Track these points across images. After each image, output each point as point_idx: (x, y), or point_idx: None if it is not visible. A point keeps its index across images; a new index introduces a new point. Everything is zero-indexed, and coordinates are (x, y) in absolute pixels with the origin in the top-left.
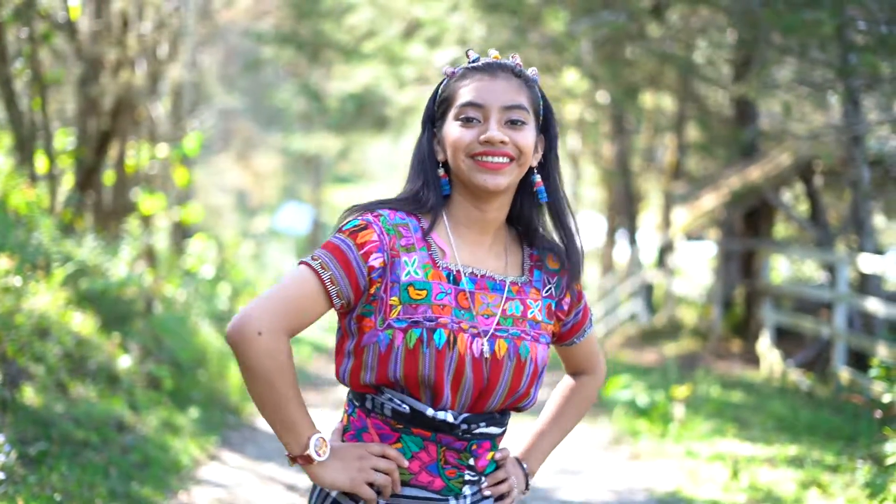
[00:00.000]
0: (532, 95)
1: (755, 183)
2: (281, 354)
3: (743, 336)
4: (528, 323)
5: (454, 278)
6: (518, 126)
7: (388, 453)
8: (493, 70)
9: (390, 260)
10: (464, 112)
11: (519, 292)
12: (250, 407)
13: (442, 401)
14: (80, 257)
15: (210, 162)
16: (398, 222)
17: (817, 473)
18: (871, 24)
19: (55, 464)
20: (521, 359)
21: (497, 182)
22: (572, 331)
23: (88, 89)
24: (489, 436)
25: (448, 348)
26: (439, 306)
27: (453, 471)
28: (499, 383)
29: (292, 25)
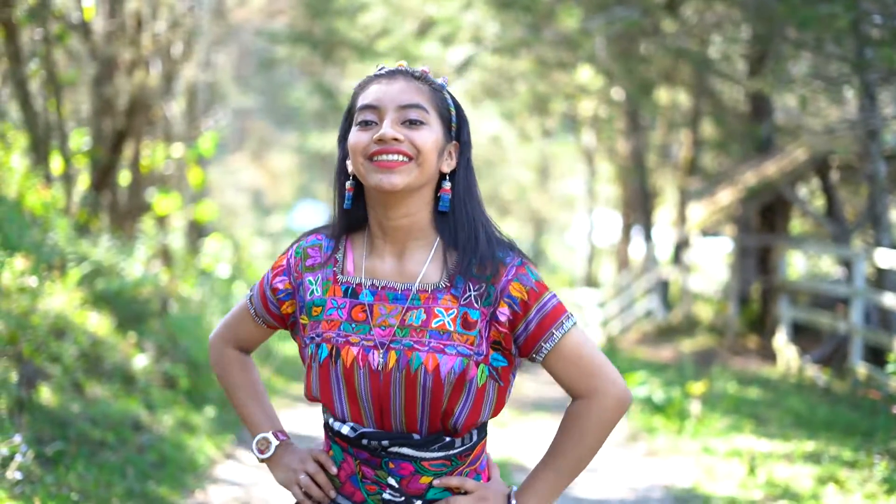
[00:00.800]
0: (437, 98)
1: (771, 178)
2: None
3: (759, 332)
4: (428, 332)
5: (353, 292)
6: (416, 126)
7: (319, 457)
8: (393, 75)
9: (295, 282)
10: (361, 115)
11: (427, 300)
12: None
13: (337, 413)
14: (95, 257)
15: (225, 161)
16: (310, 244)
17: (835, 469)
18: (887, 17)
19: (72, 464)
20: (411, 371)
21: (392, 181)
22: (529, 342)
23: (103, 89)
24: (408, 457)
25: (331, 362)
26: (327, 321)
27: (373, 486)
28: (392, 397)
29: (306, 24)
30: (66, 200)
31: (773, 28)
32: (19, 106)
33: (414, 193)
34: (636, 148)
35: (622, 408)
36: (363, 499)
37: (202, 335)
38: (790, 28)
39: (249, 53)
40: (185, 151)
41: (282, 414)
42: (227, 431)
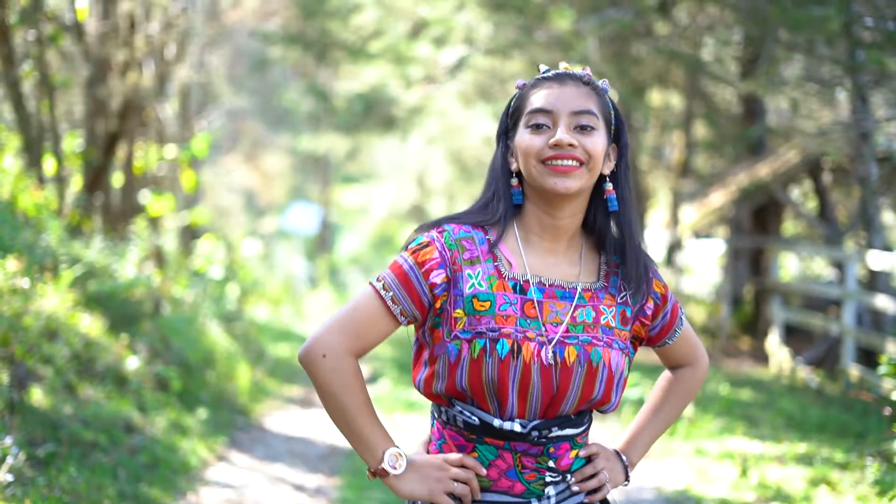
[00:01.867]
0: (602, 103)
1: (763, 180)
2: (346, 374)
3: (752, 334)
4: (600, 329)
5: (521, 288)
6: (587, 131)
7: (466, 462)
8: (562, 78)
9: (453, 274)
10: (533, 118)
11: (592, 298)
12: (259, 408)
13: (507, 410)
14: (88, 259)
15: (218, 162)
16: (462, 236)
17: (827, 471)
18: (879, 20)
19: (64, 465)
20: (593, 364)
21: (567, 185)
22: (661, 333)
23: (96, 91)
24: (566, 437)
25: (512, 358)
26: (502, 317)
27: (533, 474)
28: (569, 390)
29: (299, 26)
30: (58, 202)
31: (765, 30)
32: (12, 107)
33: (580, 195)
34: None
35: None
36: (524, 488)
37: (195, 337)
38: (782, 30)
39: (242, 55)
40: (179, 153)
41: (276, 416)
42: (220, 433)
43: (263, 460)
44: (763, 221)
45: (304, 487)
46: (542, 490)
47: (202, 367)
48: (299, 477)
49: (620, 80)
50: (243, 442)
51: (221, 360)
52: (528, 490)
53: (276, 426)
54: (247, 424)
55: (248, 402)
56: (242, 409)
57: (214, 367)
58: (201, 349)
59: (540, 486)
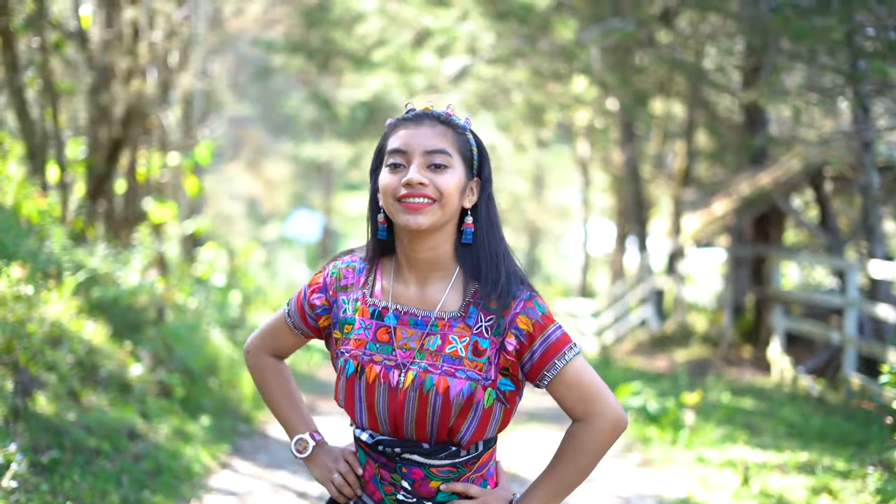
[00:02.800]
0: (460, 141)
1: (765, 189)
2: (264, 368)
3: (753, 342)
4: (441, 357)
5: (379, 314)
6: (440, 169)
7: (348, 458)
8: (419, 119)
9: (331, 299)
10: (391, 158)
11: (444, 327)
12: (262, 415)
13: (357, 421)
14: (91, 266)
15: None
16: (346, 265)
17: (828, 480)
18: (880, 29)
19: (67, 472)
20: (424, 391)
21: (418, 221)
22: (534, 371)
23: (99, 98)
24: (418, 463)
25: (356, 377)
26: (356, 340)
27: (389, 487)
28: (405, 411)
29: (302, 34)
30: (62, 209)
31: (767, 40)
32: (16, 114)
33: (437, 230)
34: (631, 158)
35: (616, 431)
36: (381, 498)
37: (198, 344)
38: (784, 40)
39: (246, 63)
40: (182, 160)
41: (278, 424)
42: (223, 440)
43: (266, 467)
44: (764, 230)
45: (307, 495)
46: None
47: (205, 374)
48: (302, 484)
49: (623, 89)
50: (246, 449)
51: (224, 367)
52: (383, 501)
53: (279, 433)
54: (250, 432)
55: (251, 410)
56: (245, 416)
57: (217, 375)
58: (204, 356)
59: (393, 501)
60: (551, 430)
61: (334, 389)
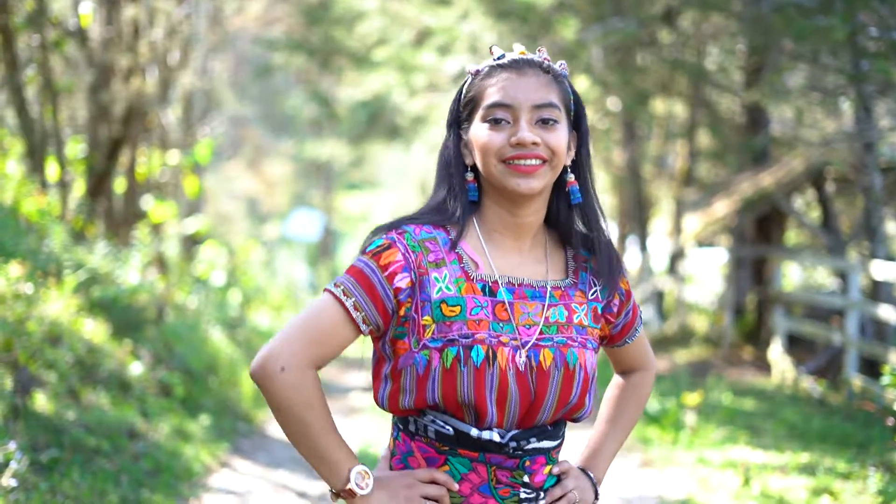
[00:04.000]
0: (562, 91)
1: (767, 189)
2: (307, 388)
3: (754, 343)
4: (574, 328)
5: (490, 290)
6: (550, 125)
7: (437, 478)
8: (521, 67)
9: (418, 278)
10: (492, 113)
11: (563, 297)
12: (262, 414)
13: (486, 420)
14: (91, 264)
15: (221, 169)
16: (424, 237)
17: (829, 481)
18: (883, 30)
19: (67, 471)
20: (570, 367)
21: (531, 186)
22: (623, 331)
23: (99, 96)
24: (542, 450)
25: (487, 365)
26: (475, 321)
27: (507, 490)
28: (547, 395)
29: (303, 32)
30: (61, 207)
31: (769, 40)
32: (15, 112)
33: (543, 192)
34: (632, 158)
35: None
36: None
37: (198, 343)
38: (787, 40)
39: (246, 61)
40: (181, 159)
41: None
42: (223, 440)
43: (266, 467)
44: (766, 231)
45: (306, 494)
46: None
47: (205, 373)
48: (302, 483)
49: (624, 89)
50: (246, 448)
51: (224, 366)
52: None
53: (279, 433)
54: (250, 431)
55: (250, 409)
56: (245, 415)
57: (217, 374)
58: (204, 355)
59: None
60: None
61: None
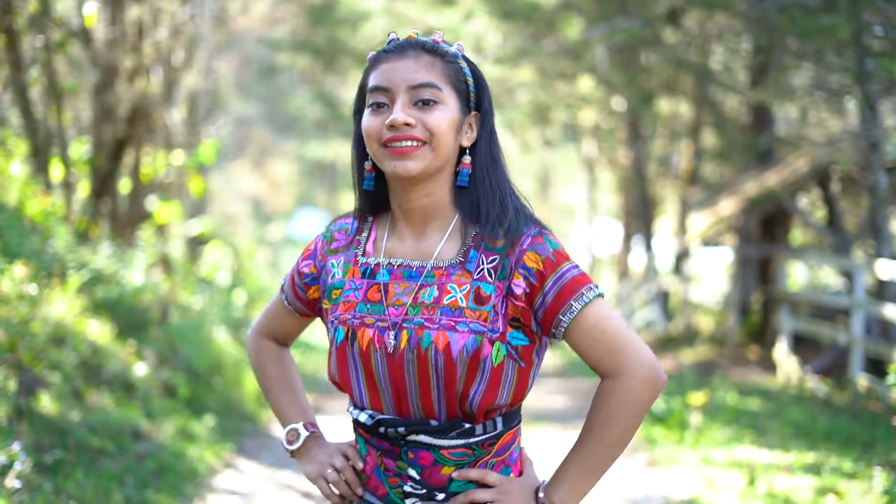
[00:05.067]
0: (451, 71)
1: (772, 189)
2: (261, 352)
3: (760, 343)
4: (439, 309)
5: (371, 272)
6: (429, 106)
7: (346, 452)
8: (403, 49)
9: (320, 265)
10: (372, 97)
11: (441, 276)
12: (266, 414)
13: (357, 399)
14: (95, 265)
15: (225, 169)
16: (337, 227)
17: (834, 481)
18: (888, 29)
19: (71, 472)
20: (422, 350)
21: (407, 167)
22: (547, 316)
23: (104, 97)
24: (427, 446)
25: (347, 345)
26: (345, 303)
27: (395, 479)
28: (406, 379)
29: (307, 33)
30: (66, 208)
31: (774, 39)
32: (20, 113)
33: (432, 175)
34: (637, 158)
35: (652, 389)
36: (386, 493)
37: (202, 343)
38: (791, 39)
39: (250, 61)
40: (186, 159)
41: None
42: (227, 440)
43: (271, 467)
44: (771, 230)
45: (311, 495)
46: (402, 500)
47: (209, 373)
48: (307, 484)
49: (629, 88)
50: (251, 449)
51: (229, 366)
52: (388, 496)
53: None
54: (254, 431)
55: (255, 409)
56: (250, 415)
57: (222, 374)
58: (209, 356)
59: (399, 495)
60: (561, 432)
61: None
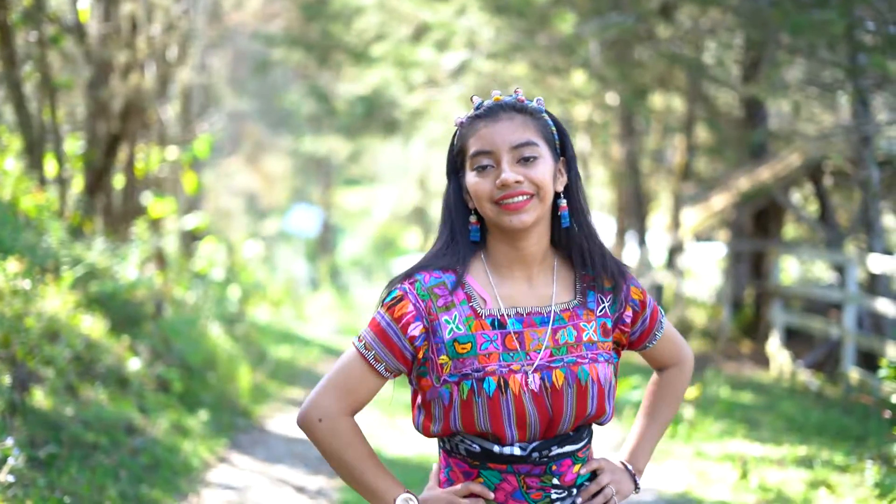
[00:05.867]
0: (540, 125)
1: (765, 183)
2: (344, 434)
3: (752, 337)
4: (583, 346)
5: (500, 323)
6: (531, 162)
7: (473, 489)
8: (495, 113)
9: (430, 324)
10: (477, 161)
11: (571, 318)
12: (260, 409)
13: (507, 440)
14: (89, 260)
15: (220, 165)
16: (433, 284)
17: (826, 474)
18: (880, 24)
19: (65, 467)
20: (581, 384)
21: (522, 220)
22: (642, 338)
23: (98, 92)
24: (567, 454)
25: (500, 393)
26: (485, 355)
27: (539, 493)
28: (564, 412)
29: (301, 28)
30: (60, 203)
31: (766, 34)
32: (13, 109)
33: (539, 222)
34: (630, 153)
35: (693, 366)
36: None
37: (196, 338)
38: (784, 34)
39: (244, 57)
40: (180, 155)
41: (277, 418)
42: (221, 435)
43: (265, 462)
44: (764, 225)
45: (305, 489)
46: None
47: (203, 368)
48: (301, 478)
49: (622, 83)
50: (244, 444)
51: (223, 361)
52: None
53: (278, 428)
54: (248, 426)
55: (249, 404)
56: (244, 410)
57: (216, 369)
58: (203, 351)
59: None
60: None
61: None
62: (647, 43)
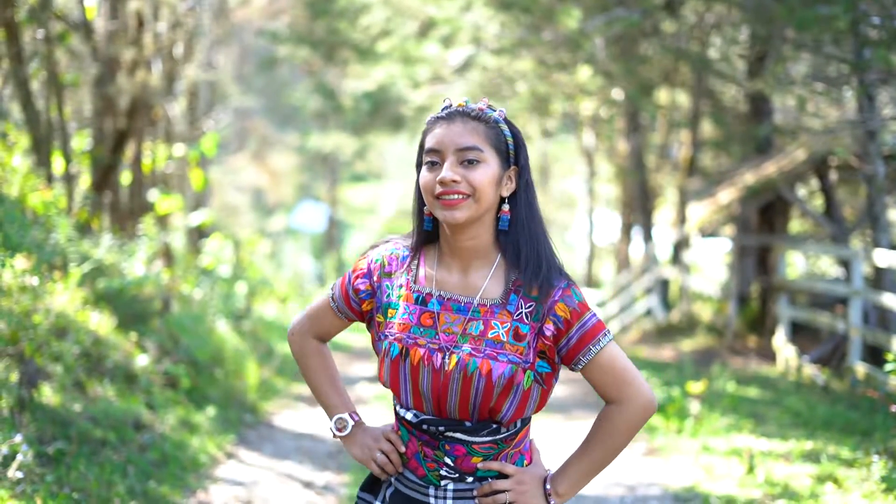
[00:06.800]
0: (492, 134)
1: (770, 178)
2: (306, 349)
3: (758, 332)
4: (484, 342)
5: (423, 300)
6: (472, 165)
7: (390, 437)
8: (451, 117)
9: (375, 285)
10: (428, 157)
11: (486, 313)
12: (267, 405)
13: (403, 401)
14: (97, 257)
15: (226, 161)
16: (390, 253)
17: (833, 468)
18: (885, 18)
19: (73, 463)
20: (468, 374)
21: (454, 216)
22: (570, 355)
23: (105, 89)
24: (460, 441)
25: (401, 359)
26: (400, 324)
27: (432, 464)
28: (449, 393)
29: (307, 25)
30: (67, 200)
31: (772, 29)
32: (21, 106)
33: (475, 221)
34: (636, 148)
35: (647, 414)
36: (424, 474)
37: (203, 334)
38: (789, 29)
39: (250, 53)
40: (187, 151)
41: (284, 414)
42: (228, 431)
43: (272, 458)
44: (770, 220)
45: (312, 484)
46: (438, 480)
47: (211, 364)
48: (308, 474)
49: (628, 79)
50: (252, 439)
51: (230, 357)
52: (426, 476)
53: (285, 424)
54: (255, 422)
55: (256, 400)
56: (251, 406)
57: (223, 365)
58: (210, 347)
59: (436, 476)
60: (564, 422)
61: (378, 370)
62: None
